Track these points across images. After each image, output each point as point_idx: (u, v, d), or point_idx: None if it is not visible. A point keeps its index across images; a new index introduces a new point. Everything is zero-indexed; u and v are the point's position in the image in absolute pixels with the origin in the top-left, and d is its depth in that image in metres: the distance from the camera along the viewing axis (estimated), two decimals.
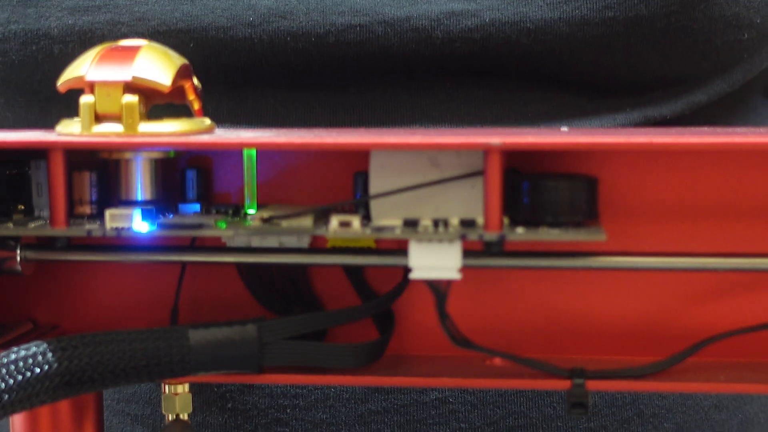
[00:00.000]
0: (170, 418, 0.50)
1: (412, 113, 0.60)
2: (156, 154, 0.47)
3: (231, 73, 0.59)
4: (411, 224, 0.44)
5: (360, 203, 0.46)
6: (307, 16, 0.58)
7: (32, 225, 0.45)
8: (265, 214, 0.45)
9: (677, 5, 0.58)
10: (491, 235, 0.43)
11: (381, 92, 0.60)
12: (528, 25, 0.57)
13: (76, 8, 0.59)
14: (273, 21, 0.58)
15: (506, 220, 0.44)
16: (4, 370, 0.40)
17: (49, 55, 0.60)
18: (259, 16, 0.58)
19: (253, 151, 0.48)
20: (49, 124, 0.62)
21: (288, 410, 0.61)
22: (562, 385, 0.45)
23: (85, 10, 0.59)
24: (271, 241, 0.47)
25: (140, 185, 0.47)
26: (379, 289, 0.50)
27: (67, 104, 0.46)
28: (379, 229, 0.44)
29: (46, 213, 0.47)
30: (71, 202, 0.46)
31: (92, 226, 0.45)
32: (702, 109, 0.63)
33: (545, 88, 0.60)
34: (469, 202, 0.45)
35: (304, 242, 0.47)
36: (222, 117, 0.61)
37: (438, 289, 0.45)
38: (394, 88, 0.60)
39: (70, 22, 0.59)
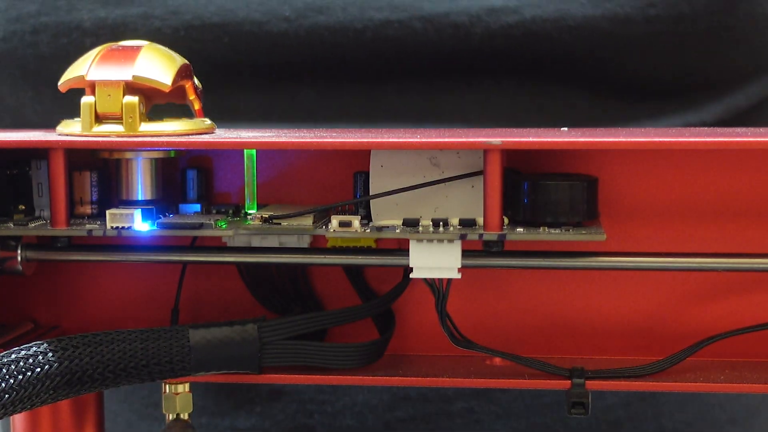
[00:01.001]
0: (170, 418, 0.49)
1: (450, 113, 0.60)
2: (156, 154, 0.47)
3: (265, 68, 0.59)
4: (411, 224, 0.45)
5: (360, 203, 0.46)
6: (344, 11, 0.57)
7: (33, 225, 0.45)
8: (265, 214, 0.45)
9: (720, 4, 0.57)
10: (491, 235, 0.43)
11: (418, 90, 0.59)
12: (569, 22, 0.57)
13: (109, 1, 0.59)
14: (310, 16, 0.57)
15: (506, 220, 0.44)
16: (4, 370, 0.40)
17: (80, 48, 0.58)
18: (295, 11, 0.57)
19: (254, 151, 0.48)
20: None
21: (315, 416, 0.60)
22: (562, 385, 0.45)
23: (118, 2, 0.59)
24: (271, 241, 0.47)
25: (141, 185, 0.47)
26: (379, 289, 0.50)
27: None
28: (379, 229, 0.44)
29: (46, 213, 0.47)
30: (72, 202, 0.46)
31: (93, 226, 0.45)
32: (741, 114, 0.62)
33: (585, 93, 0.60)
34: (469, 202, 0.45)
35: (304, 242, 0.48)
36: (254, 114, 0.60)
37: (438, 289, 0.45)
38: (432, 86, 0.59)
39: (102, 14, 0.59)
